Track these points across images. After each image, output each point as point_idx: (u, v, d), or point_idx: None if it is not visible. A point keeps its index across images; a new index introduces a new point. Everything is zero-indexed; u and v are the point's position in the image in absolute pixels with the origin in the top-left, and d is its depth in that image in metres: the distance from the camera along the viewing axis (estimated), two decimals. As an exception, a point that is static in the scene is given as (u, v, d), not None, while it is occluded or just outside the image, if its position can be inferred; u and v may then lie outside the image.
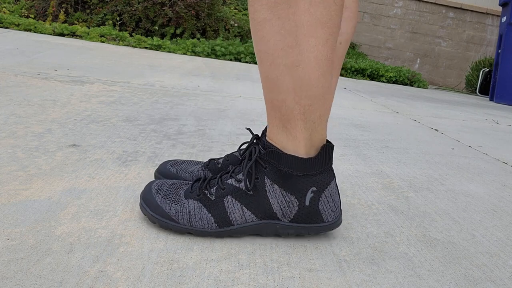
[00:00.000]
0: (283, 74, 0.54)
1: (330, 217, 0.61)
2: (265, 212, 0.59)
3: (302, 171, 0.58)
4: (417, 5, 6.30)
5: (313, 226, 0.61)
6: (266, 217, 0.59)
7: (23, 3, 4.38)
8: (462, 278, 0.57)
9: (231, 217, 0.58)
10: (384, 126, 1.68)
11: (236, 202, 0.59)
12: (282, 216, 0.59)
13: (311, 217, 0.60)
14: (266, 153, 0.58)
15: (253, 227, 0.59)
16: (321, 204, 0.60)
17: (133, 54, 3.25)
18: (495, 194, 0.98)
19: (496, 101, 4.26)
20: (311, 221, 0.60)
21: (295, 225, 0.60)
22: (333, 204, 0.61)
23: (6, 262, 0.47)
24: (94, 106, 1.29)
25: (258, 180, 0.59)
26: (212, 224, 0.58)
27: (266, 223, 0.60)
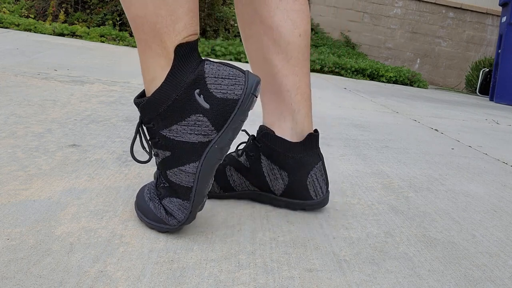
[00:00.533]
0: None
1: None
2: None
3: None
4: (417, 5, 6.30)
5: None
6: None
7: (23, 3, 4.38)
8: (462, 278, 0.57)
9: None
10: (384, 126, 1.68)
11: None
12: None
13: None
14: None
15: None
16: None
17: (133, 54, 3.25)
18: (495, 194, 0.98)
19: (496, 101, 4.26)
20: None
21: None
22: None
23: (6, 262, 0.47)
24: (94, 106, 1.29)
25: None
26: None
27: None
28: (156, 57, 0.53)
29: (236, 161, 0.71)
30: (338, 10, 6.16)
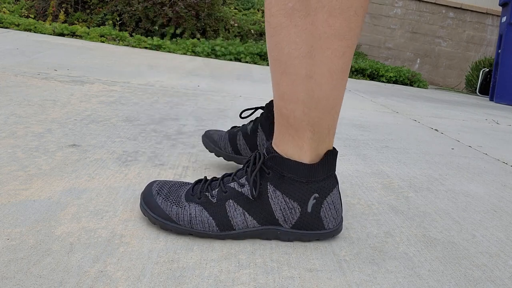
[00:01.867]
0: (295, 84, 0.53)
1: (331, 224, 0.61)
2: (267, 218, 0.58)
3: (305, 178, 0.57)
4: (417, 5, 6.30)
5: (314, 233, 0.60)
6: (268, 223, 0.59)
7: (23, 3, 4.38)
8: (462, 278, 0.57)
9: (233, 222, 0.58)
10: (384, 126, 1.68)
11: (238, 207, 0.58)
12: (283, 222, 0.59)
13: (313, 224, 0.59)
14: (270, 158, 0.57)
15: (254, 232, 0.59)
16: (323, 211, 0.59)
17: (133, 54, 3.25)
18: (495, 194, 0.98)
19: (496, 101, 4.26)
20: (312, 228, 0.60)
21: (296, 232, 0.59)
22: (335, 211, 0.61)
23: (6, 262, 0.47)
24: (94, 106, 1.29)
25: (260, 185, 0.58)
26: (213, 227, 0.58)
27: (267, 229, 0.59)
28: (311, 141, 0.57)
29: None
30: (338, 10, 6.15)
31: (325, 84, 0.52)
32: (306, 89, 0.53)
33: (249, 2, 5.63)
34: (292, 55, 0.51)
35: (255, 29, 4.90)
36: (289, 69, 0.52)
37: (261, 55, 4.27)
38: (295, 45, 0.50)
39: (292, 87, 0.53)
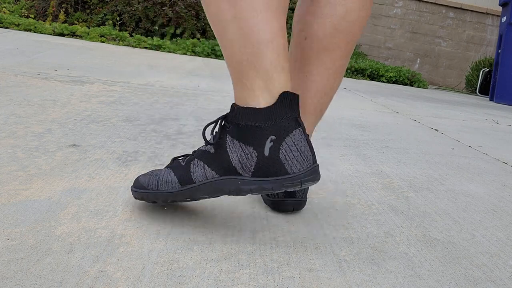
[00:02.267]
0: (226, 28, 0.56)
1: (295, 168, 0.56)
2: (226, 168, 0.58)
3: (260, 121, 0.56)
4: (417, 5, 6.30)
5: (276, 179, 0.56)
6: (227, 173, 0.58)
7: (23, 3, 4.38)
8: (462, 278, 0.57)
9: (193, 176, 0.59)
10: (384, 126, 1.68)
11: (200, 163, 0.60)
12: (242, 170, 0.57)
13: (273, 169, 0.56)
14: (229, 113, 0.59)
15: (214, 183, 0.58)
16: (282, 153, 0.56)
17: (133, 54, 3.25)
18: (495, 194, 0.98)
19: (496, 101, 4.26)
20: (273, 174, 0.56)
21: (257, 180, 0.57)
22: (298, 153, 0.57)
23: (6, 262, 0.47)
24: (94, 106, 1.29)
25: (221, 139, 0.59)
26: (175, 184, 0.60)
27: (227, 179, 0.58)
28: (265, 85, 0.57)
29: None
30: (338, 10, 6.15)
31: (251, 19, 0.54)
32: (235, 29, 0.55)
33: (249, 2, 5.62)
34: (219, 6, 0.55)
35: (255, 29, 4.89)
36: (219, 17, 0.56)
37: (261, 55, 4.26)
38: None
39: (225, 32, 0.56)
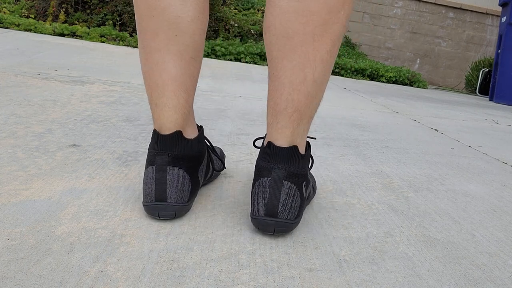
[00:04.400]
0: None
1: (143, 199, 0.62)
2: None
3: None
4: (417, 5, 6.30)
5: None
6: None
7: (23, 3, 4.38)
8: (462, 278, 0.57)
9: None
10: (384, 126, 1.68)
11: None
12: None
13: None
14: None
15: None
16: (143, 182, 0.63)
17: (133, 54, 3.25)
18: (495, 194, 0.98)
19: (496, 101, 4.26)
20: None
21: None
22: (145, 187, 0.62)
23: (6, 262, 0.47)
24: (94, 106, 1.29)
25: None
26: None
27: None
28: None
29: None
30: (338, 10, 6.15)
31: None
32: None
33: (249, 2, 5.63)
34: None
35: (255, 29, 4.90)
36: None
37: (261, 55, 4.26)
38: None
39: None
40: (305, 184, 0.62)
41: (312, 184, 0.73)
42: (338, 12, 0.56)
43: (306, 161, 0.62)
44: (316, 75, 0.58)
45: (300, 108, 0.60)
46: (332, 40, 0.57)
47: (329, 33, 0.57)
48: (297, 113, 0.60)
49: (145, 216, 0.62)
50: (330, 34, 0.57)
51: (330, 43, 0.57)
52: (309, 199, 0.70)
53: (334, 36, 0.57)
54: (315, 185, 0.77)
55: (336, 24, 0.57)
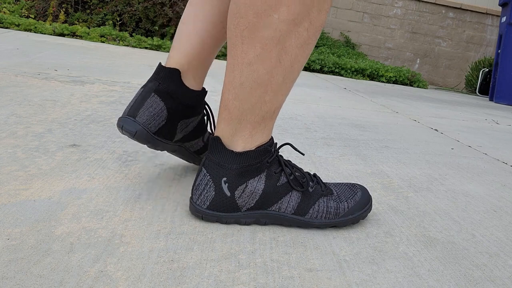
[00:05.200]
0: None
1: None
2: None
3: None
4: (417, 5, 6.30)
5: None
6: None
7: (23, 3, 4.38)
8: (462, 278, 0.57)
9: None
10: (384, 126, 1.68)
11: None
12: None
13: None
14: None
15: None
16: None
17: (133, 54, 3.25)
18: (495, 194, 0.98)
19: (496, 101, 4.26)
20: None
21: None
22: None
23: (6, 262, 0.47)
24: (94, 106, 1.29)
25: None
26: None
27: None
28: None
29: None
30: (338, 10, 6.16)
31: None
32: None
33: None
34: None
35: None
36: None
37: (261, 55, 4.26)
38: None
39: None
40: (226, 181, 0.61)
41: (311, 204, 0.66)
42: (269, 16, 0.54)
43: (234, 158, 0.61)
44: (243, 79, 0.58)
45: (229, 108, 0.61)
46: (263, 44, 0.55)
47: (258, 37, 0.55)
48: (227, 112, 0.61)
49: (145, 216, 0.62)
50: (259, 38, 0.55)
51: (259, 47, 0.56)
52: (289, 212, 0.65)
53: (265, 40, 0.55)
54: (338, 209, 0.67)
55: (267, 29, 0.55)
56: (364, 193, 0.70)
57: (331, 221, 0.65)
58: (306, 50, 0.58)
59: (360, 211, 0.67)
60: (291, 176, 0.65)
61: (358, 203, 0.68)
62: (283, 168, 0.64)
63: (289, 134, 1.28)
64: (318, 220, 0.65)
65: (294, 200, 0.64)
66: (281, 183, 0.64)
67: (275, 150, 0.65)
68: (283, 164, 0.64)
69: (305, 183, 0.66)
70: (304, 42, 0.57)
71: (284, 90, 0.61)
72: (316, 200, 0.65)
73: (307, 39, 0.57)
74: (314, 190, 0.66)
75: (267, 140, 0.64)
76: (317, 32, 0.58)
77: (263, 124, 0.62)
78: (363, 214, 0.68)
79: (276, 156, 0.64)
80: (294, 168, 0.67)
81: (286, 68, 0.58)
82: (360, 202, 0.68)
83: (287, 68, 0.58)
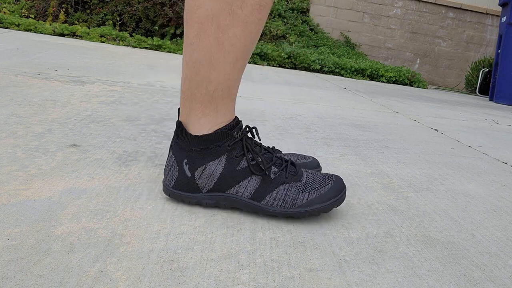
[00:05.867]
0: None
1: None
2: None
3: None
4: (417, 5, 6.30)
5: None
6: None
7: (23, 3, 4.38)
8: (462, 278, 0.57)
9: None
10: (384, 126, 1.68)
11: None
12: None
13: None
14: None
15: None
16: None
17: (133, 54, 3.25)
18: (495, 194, 0.98)
19: (496, 101, 4.26)
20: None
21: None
22: None
23: (6, 262, 0.47)
24: (94, 106, 1.29)
25: None
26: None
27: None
28: None
29: None
30: (338, 10, 6.16)
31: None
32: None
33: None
34: None
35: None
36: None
37: (261, 55, 4.27)
38: None
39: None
40: (186, 162, 0.66)
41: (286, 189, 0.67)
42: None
43: (193, 140, 0.65)
44: (187, 58, 0.63)
45: (183, 89, 0.66)
46: (199, 24, 0.60)
47: (195, 18, 0.60)
48: (182, 93, 0.66)
49: (145, 216, 0.62)
50: (196, 18, 0.60)
51: (197, 26, 0.60)
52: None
53: (200, 19, 0.60)
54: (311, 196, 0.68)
55: (201, 8, 0.59)
56: (334, 187, 0.67)
57: (286, 211, 0.65)
58: (246, 29, 0.60)
59: (320, 204, 0.65)
60: (253, 161, 0.65)
61: (322, 196, 0.66)
62: (245, 153, 0.65)
63: (289, 134, 1.28)
64: (273, 208, 0.65)
65: (252, 185, 0.65)
66: (240, 167, 0.65)
67: (240, 134, 0.66)
68: (245, 148, 0.65)
69: (269, 169, 0.65)
70: (242, 21, 0.59)
71: (229, 70, 0.62)
72: (276, 187, 0.65)
73: (244, 17, 0.59)
74: (277, 176, 0.66)
75: (226, 123, 0.65)
76: (255, 11, 0.60)
77: (214, 104, 0.64)
78: (325, 207, 0.66)
79: (240, 140, 0.65)
80: (261, 152, 0.67)
81: (226, 47, 0.60)
82: (325, 195, 0.66)
83: (226, 47, 0.60)
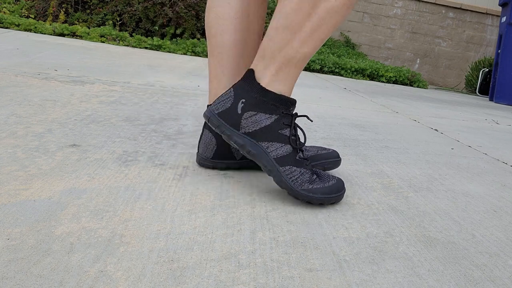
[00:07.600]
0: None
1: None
2: None
3: None
4: (417, 5, 6.30)
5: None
6: None
7: (23, 3, 4.38)
8: (462, 278, 0.57)
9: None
10: (384, 126, 1.68)
11: None
12: None
13: None
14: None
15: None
16: None
17: (133, 54, 3.25)
18: (495, 194, 0.98)
19: (496, 101, 4.26)
20: None
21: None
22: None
23: (6, 262, 0.47)
24: (94, 106, 1.29)
25: None
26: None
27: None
28: None
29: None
30: (338, 10, 6.15)
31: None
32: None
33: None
34: None
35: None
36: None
37: (261, 55, 4.26)
38: None
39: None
40: (243, 102, 0.74)
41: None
42: None
43: (258, 89, 0.73)
44: (278, 24, 0.72)
45: (264, 47, 0.74)
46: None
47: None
48: (262, 51, 0.74)
49: (145, 216, 0.62)
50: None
51: (296, 2, 0.69)
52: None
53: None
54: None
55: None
56: (336, 184, 0.76)
57: (293, 187, 0.72)
58: (333, 17, 0.69)
59: (323, 195, 0.73)
60: (293, 136, 0.75)
61: (325, 188, 0.74)
62: (290, 126, 0.74)
63: (289, 134, 1.28)
64: (286, 178, 0.72)
65: (282, 151, 0.73)
66: (282, 133, 0.74)
67: (292, 109, 0.75)
68: (292, 124, 0.75)
69: (300, 149, 0.76)
70: (331, 9, 0.69)
71: (310, 43, 0.71)
72: (296, 166, 0.74)
73: (335, 6, 0.69)
74: (300, 160, 0.75)
75: (288, 94, 0.75)
76: (344, 5, 0.69)
77: (286, 70, 0.73)
78: (325, 199, 0.74)
79: (291, 115, 0.75)
80: (298, 137, 0.76)
81: (314, 24, 0.70)
82: (328, 188, 0.74)
83: (314, 24, 0.70)
